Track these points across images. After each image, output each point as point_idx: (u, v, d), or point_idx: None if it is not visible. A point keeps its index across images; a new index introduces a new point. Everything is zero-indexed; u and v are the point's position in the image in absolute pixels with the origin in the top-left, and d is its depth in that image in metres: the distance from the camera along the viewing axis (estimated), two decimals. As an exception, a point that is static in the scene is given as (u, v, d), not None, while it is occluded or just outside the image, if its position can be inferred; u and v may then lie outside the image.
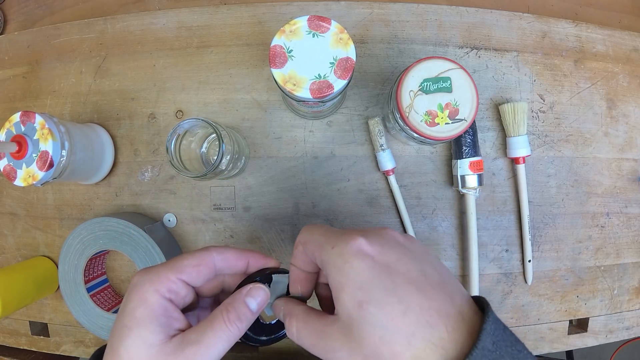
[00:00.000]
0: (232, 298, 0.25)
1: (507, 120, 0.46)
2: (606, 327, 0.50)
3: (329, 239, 0.24)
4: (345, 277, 0.22)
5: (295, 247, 0.26)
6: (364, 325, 0.21)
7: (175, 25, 0.48)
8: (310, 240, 0.25)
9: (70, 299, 0.46)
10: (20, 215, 0.50)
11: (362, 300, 0.21)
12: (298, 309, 0.25)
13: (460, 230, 0.48)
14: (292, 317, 0.24)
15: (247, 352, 0.49)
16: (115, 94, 0.48)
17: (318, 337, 0.23)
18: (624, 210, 0.50)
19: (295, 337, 0.24)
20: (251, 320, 0.25)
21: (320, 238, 0.24)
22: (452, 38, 0.48)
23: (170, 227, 0.48)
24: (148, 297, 0.23)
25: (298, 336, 0.24)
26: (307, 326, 0.23)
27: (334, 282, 0.22)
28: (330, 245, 0.23)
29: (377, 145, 0.46)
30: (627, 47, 0.50)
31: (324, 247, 0.23)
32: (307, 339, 0.23)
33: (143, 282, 0.23)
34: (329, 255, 0.23)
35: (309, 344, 0.23)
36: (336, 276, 0.22)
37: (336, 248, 0.23)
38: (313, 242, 0.25)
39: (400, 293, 0.21)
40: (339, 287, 0.22)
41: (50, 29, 0.50)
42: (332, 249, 0.23)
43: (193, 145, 0.43)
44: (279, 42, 0.34)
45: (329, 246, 0.23)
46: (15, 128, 0.39)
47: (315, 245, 0.24)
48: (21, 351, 0.52)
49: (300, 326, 0.24)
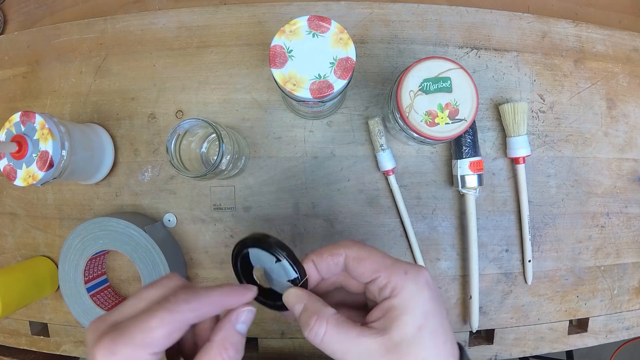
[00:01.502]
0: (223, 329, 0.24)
1: (507, 120, 0.46)
2: (606, 327, 0.50)
3: (398, 264, 0.26)
4: (415, 303, 0.25)
5: (334, 254, 0.27)
6: (415, 346, 0.24)
7: (175, 25, 0.48)
8: (369, 258, 0.26)
9: (70, 299, 0.46)
10: (20, 215, 0.50)
11: (422, 325, 0.24)
12: (328, 312, 0.25)
13: (460, 230, 0.48)
14: (321, 319, 0.25)
15: (247, 352, 0.49)
16: (115, 94, 0.48)
17: (352, 344, 0.24)
18: (624, 210, 0.50)
19: (320, 340, 0.24)
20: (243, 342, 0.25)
21: (387, 260, 0.26)
22: (452, 38, 0.48)
23: (170, 227, 0.48)
24: (140, 356, 0.21)
25: (325, 339, 0.24)
26: (339, 332, 0.24)
27: (400, 304, 0.24)
28: (403, 270, 0.25)
29: (377, 145, 0.46)
30: (627, 47, 0.50)
31: (395, 271, 0.25)
32: (338, 344, 0.24)
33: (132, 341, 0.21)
34: (403, 280, 0.25)
35: (339, 350, 0.24)
36: (405, 299, 0.25)
37: (410, 275, 0.25)
38: (375, 262, 0.26)
39: (445, 326, 0.25)
40: (404, 309, 0.24)
41: (50, 29, 0.50)
42: (405, 274, 0.25)
43: (193, 145, 0.43)
44: (279, 42, 0.34)
45: (402, 271, 0.25)
46: (15, 128, 0.39)
47: (380, 265, 0.26)
48: (21, 351, 0.52)
49: (332, 331, 0.24)
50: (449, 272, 0.48)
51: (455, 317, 0.48)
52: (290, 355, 0.49)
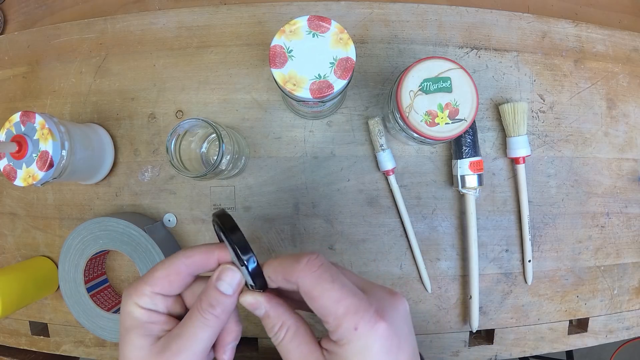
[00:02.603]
0: (206, 289, 0.26)
1: (507, 120, 0.46)
2: (606, 327, 0.50)
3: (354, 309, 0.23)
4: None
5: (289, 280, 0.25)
6: None
7: (175, 25, 0.48)
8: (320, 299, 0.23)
9: (70, 299, 0.46)
10: (20, 215, 0.50)
11: None
12: (288, 322, 0.25)
13: (460, 230, 0.48)
14: (282, 328, 0.25)
15: (247, 352, 0.49)
16: (115, 94, 0.48)
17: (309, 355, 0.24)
18: (624, 210, 0.50)
19: (278, 344, 0.25)
20: (232, 302, 0.25)
21: (343, 302, 0.23)
22: (452, 38, 0.48)
23: (170, 227, 0.48)
24: (131, 310, 0.25)
25: (281, 348, 0.25)
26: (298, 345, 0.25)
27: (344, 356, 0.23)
28: (353, 325, 0.23)
29: (377, 145, 0.46)
30: (627, 47, 0.50)
31: (345, 322, 0.23)
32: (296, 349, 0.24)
33: (126, 297, 0.26)
34: (351, 334, 0.23)
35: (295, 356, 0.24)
36: (350, 355, 0.23)
37: (360, 330, 0.23)
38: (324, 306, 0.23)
39: None
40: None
41: (50, 29, 0.50)
42: (355, 331, 0.23)
43: (193, 145, 0.43)
44: (279, 42, 0.34)
45: (352, 325, 0.23)
46: (15, 128, 0.39)
47: (330, 310, 0.23)
48: (21, 351, 0.52)
49: (288, 343, 0.25)
50: (449, 272, 0.48)
51: (455, 317, 0.48)
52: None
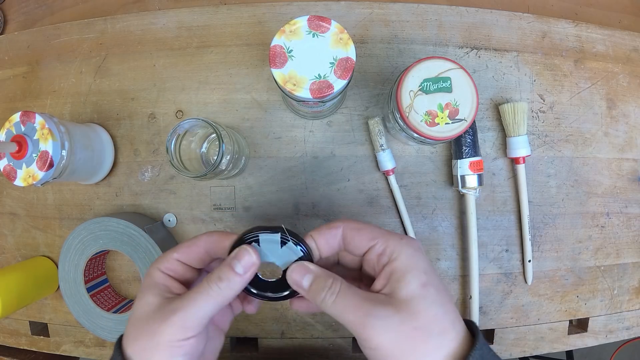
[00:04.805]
0: (220, 265, 0.28)
1: (507, 120, 0.46)
2: (606, 327, 0.50)
3: (392, 233, 0.28)
4: (414, 262, 0.27)
5: (332, 227, 0.29)
6: (424, 303, 0.25)
7: (175, 25, 0.48)
8: (366, 228, 0.29)
9: (70, 299, 0.46)
10: (20, 215, 0.50)
11: (426, 282, 0.26)
12: (339, 278, 0.27)
13: (460, 230, 0.48)
14: (336, 283, 0.27)
15: (247, 352, 0.49)
16: (115, 94, 0.48)
17: (364, 300, 0.26)
18: (624, 210, 0.50)
19: (332, 302, 0.26)
20: (239, 281, 0.27)
21: (382, 230, 0.28)
22: (452, 38, 0.48)
23: (170, 227, 0.48)
24: (152, 272, 0.29)
25: (338, 300, 0.26)
26: (351, 294, 0.26)
27: (401, 265, 0.26)
28: (399, 237, 0.28)
29: (377, 145, 0.46)
30: (627, 47, 0.50)
31: (391, 237, 0.28)
32: (351, 306, 0.26)
33: (153, 263, 0.30)
34: (400, 244, 0.27)
35: (351, 311, 0.25)
36: (404, 260, 0.27)
37: (404, 240, 0.28)
38: (371, 231, 0.28)
39: (445, 288, 0.27)
40: (406, 269, 0.26)
41: (50, 29, 0.50)
42: (401, 240, 0.28)
43: (193, 145, 0.43)
44: (279, 42, 0.34)
45: (397, 237, 0.28)
46: (15, 128, 0.39)
47: (377, 233, 0.28)
48: (21, 351, 0.52)
49: (345, 292, 0.26)
50: (449, 272, 0.48)
51: (455, 317, 0.48)
52: (290, 355, 0.49)
